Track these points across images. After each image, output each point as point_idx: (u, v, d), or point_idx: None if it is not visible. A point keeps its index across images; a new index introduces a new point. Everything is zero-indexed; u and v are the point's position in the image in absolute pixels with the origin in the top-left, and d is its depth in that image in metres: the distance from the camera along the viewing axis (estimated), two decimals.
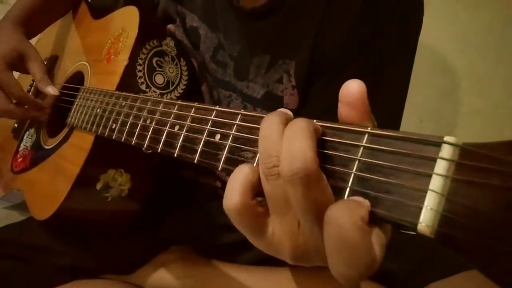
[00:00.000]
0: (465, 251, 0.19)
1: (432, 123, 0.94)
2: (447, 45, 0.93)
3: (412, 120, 0.51)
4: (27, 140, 0.70)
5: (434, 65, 0.93)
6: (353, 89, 0.23)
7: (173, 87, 0.56)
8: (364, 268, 0.20)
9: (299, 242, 0.25)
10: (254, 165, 0.27)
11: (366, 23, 0.48)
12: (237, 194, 0.25)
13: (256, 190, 0.25)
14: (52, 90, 0.62)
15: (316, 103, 0.52)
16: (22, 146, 0.71)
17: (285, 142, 0.23)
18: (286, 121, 0.25)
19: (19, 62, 0.65)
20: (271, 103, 0.55)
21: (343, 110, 0.24)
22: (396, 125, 0.51)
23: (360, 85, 0.23)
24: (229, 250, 0.62)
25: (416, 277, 0.48)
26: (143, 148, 0.40)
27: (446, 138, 0.20)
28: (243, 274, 0.59)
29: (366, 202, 0.21)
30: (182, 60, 0.58)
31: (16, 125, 0.78)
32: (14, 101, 0.64)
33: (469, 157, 0.19)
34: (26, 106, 0.65)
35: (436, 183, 0.19)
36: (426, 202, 0.19)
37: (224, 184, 0.65)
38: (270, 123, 0.25)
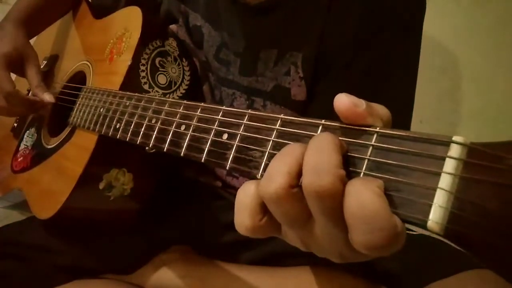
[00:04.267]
0: (473, 247, 0.19)
1: (432, 123, 0.95)
2: (447, 45, 0.94)
3: (412, 121, 0.51)
4: (28, 140, 0.70)
5: (434, 65, 0.94)
6: (340, 105, 0.24)
7: (175, 87, 0.57)
8: (385, 233, 0.21)
9: (310, 242, 0.26)
10: (261, 168, 0.28)
11: (372, 17, 0.49)
12: (246, 218, 0.25)
13: (265, 208, 0.25)
14: (48, 97, 0.62)
15: (324, 96, 0.53)
16: (22, 146, 0.71)
17: (310, 154, 0.23)
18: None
19: (18, 64, 0.65)
20: (279, 95, 0.56)
21: (343, 121, 0.25)
22: (407, 117, 0.51)
23: (346, 99, 0.24)
24: (229, 250, 0.62)
25: (416, 277, 0.48)
26: (147, 148, 0.40)
27: (454, 138, 0.20)
28: (244, 273, 0.59)
29: (379, 179, 0.22)
30: (184, 60, 0.58)
31: (15, 124, 0.77)
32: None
33: (477, 156, 0.20)
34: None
35: (445, 181, 0.20)
36: (435, 200, 0.20)
37: (224, 183, 0.66)
38: (291, 149, 0.24)
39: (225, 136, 0.31)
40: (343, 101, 0.24)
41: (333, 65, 0.51)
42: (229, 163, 0.30)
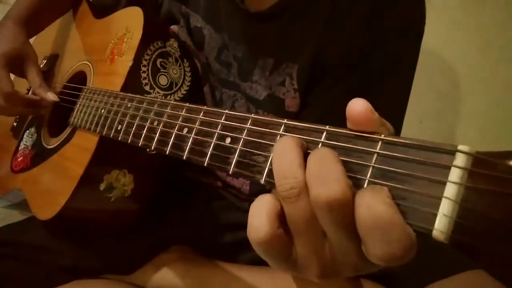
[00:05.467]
0: (478, 256, 0.19)
1: (432, 124, 0.95)
2: (447, 46, 0.94)
3: (412, 121, 0.52)
4: (27, 139, 0.70)
5: (434, 65, 0.94)
6: (357, 109, 0.23)
7: (176, 88, 0.56)
8: (403, 244, 0.20)
9: (326, 256, 0.25)
10: (265, 174, 0.28)
11: (368, 31, 0.49)
12: (265, 225, 0.24)
13: (281, 219, 0.25)
14: (52, 96, 0.62)
15: (316, 106, 0.53)
16: (22, 145, 0.70)
17: (314, 167, 0.23)
18: (301, 145, 0.25)
19: (17, 64, 0.64)
20: (273, 105, 0.56)
21: (351, 127, 0.25)
22: (396, 131, 0.51)
23: (363, 104, 0.23)
24: (229, 250, 0.62)
25: (416, 277, 0.49)
26: (148, 150, 0.40)
27: (460, 147, 0.20)
28: (244, 274, 0.59)
29: (384, 187, 0.22)
30: (185, 61, 0.58)
31: (15, 123, 0.77)
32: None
33: (482, 165, 0.20)
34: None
35: (450, 190, 0.20)
36: (440, 209, 0.20)
37: (224, 183, 0.66)
38: (285, 143, 0.25)
39: (228, 140, 0.31)
40: (360, 105, 0.23)
41: (327, 77, 0.51)
42: (232, 167, 0.30)
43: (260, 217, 0.25)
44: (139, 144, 0.41)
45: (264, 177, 0.28)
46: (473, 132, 0.92)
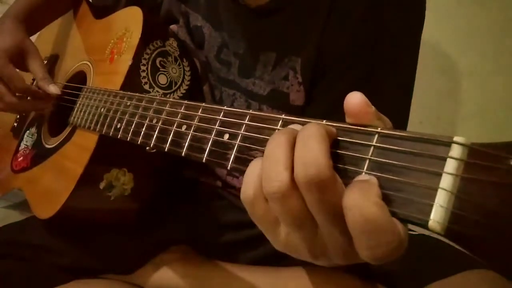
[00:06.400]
0: (474, 247, 0.19)
1: (432, 124, 0.95)
2: (447, 45, 0.94)
3: (412, 121, 0.52)
4: (28, 139, 0.70)
5: (434, 65, 0.94)
6: (354, 101, 0.24)
7: (176, 87, 0.57)
8: (393, 247, 0.21)
9: (316, 245, 0.26)
10: None
11: (370, 23, 0.49)
12: (250, 186, 0.26)
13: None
14: (54, 89, 0.62)
15: (322, 101, 0.53)
16: (22, 145, 0.71)
17: (298, 148, 0.24)
18: (294, 140, 0.25)
19: (19, 59, 0.64)
20: (277, 100, 0.56)
21: (349, 120, 0.25)
22: (402, 125, 0.51)
23: (360, 97, 0.24)
24: (229, 250, 0.62)
25: (416, 277, 0.49)
26: (148, 148, 0.40)
27: (455, 138, 0.20)
28: (244, 274, 0.59)
29: (372, 179, 0.22)
30: (184, 60, 0.58)
31: (15, 124, 0.77)
32: (17, 94, 0.64)
33: (477, 156, 0.20)
34: (29, 98, 0.65)
35: (446, 181, 0.20)
36: (436, 200, 0.20)
37: (224, 183, 0.66)
38: (274, 141, 0.25)
39: (226, 136, 0.31)
40: (357, 98, 0.24)
41: (331, 70, 0.52)
42: (230, 163, 0.30)
43: (248, 179, 0.26)
44: (138, 142, 0.41)
45: None
46: (473, 132, 0.92)
